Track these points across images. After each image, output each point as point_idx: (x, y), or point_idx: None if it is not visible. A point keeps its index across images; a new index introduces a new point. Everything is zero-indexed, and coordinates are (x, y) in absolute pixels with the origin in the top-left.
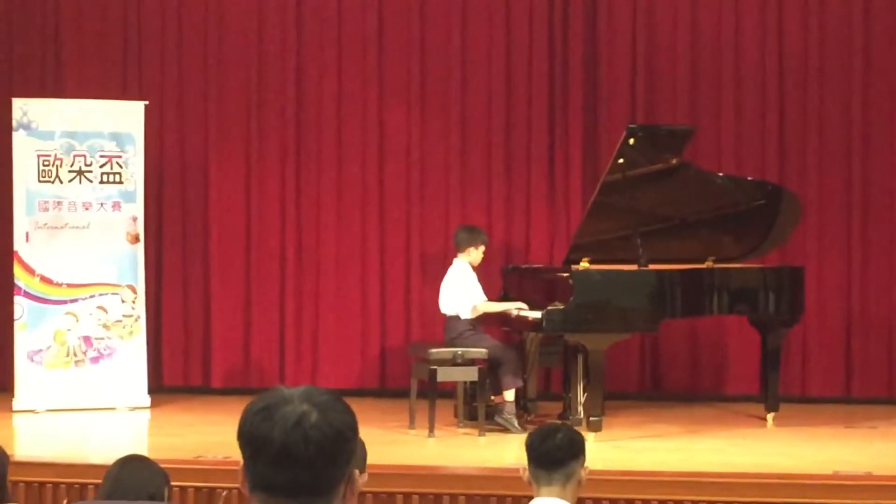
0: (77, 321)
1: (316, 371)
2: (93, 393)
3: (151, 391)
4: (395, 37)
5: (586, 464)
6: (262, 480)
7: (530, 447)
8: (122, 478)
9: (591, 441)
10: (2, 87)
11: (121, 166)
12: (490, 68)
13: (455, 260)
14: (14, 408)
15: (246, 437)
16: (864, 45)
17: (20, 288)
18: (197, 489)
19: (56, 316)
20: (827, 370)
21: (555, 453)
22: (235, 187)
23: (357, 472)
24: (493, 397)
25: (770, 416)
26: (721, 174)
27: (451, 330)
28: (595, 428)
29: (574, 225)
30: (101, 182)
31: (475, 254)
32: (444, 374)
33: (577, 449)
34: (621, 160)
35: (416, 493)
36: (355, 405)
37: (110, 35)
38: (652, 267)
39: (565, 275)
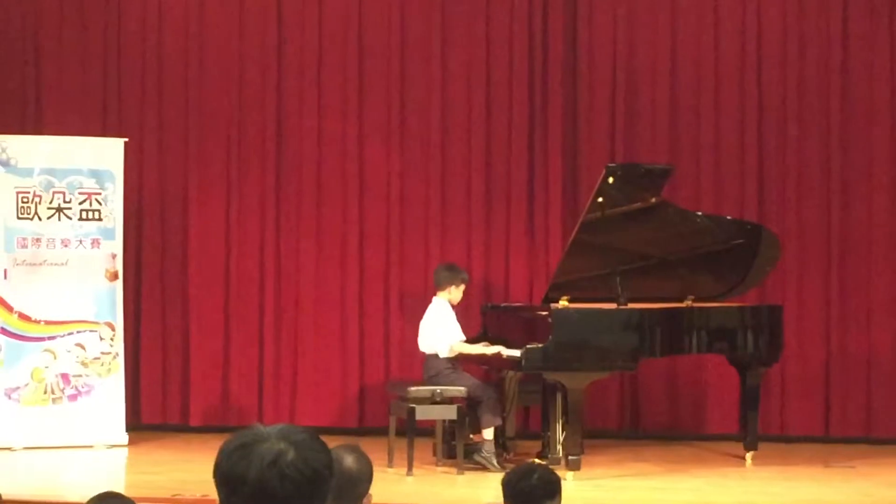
0: (55, 358)
1: (294, 409)
2: (70, 430)
3: (129, 429)
4: (375, 75)
5: None
6: None
7: (507, 486)
8: None
9: (571, 480)
10: None
11: (100, 203)
12: (470, 106)
13: (434, 298)
14: None
15: (222, 475)
16: (842, 85)
17: None
18: None
19: (34, 353)
20: (806, 409)
21: (531, 493)
22: (215, 225)
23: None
24: (471, 436)
25: (749, 455)
26: (700, 213)
27: (429, 368)
28: (574, 466)
29: (553, 263)
30: (80, 219)
31: (455, 292)
32: (423, 413)
33: (552, 489)
34: (601, 199)
35: None
36: (333, 443)
37: (90, 72)
38: (631, 306)
39: (545, 313)
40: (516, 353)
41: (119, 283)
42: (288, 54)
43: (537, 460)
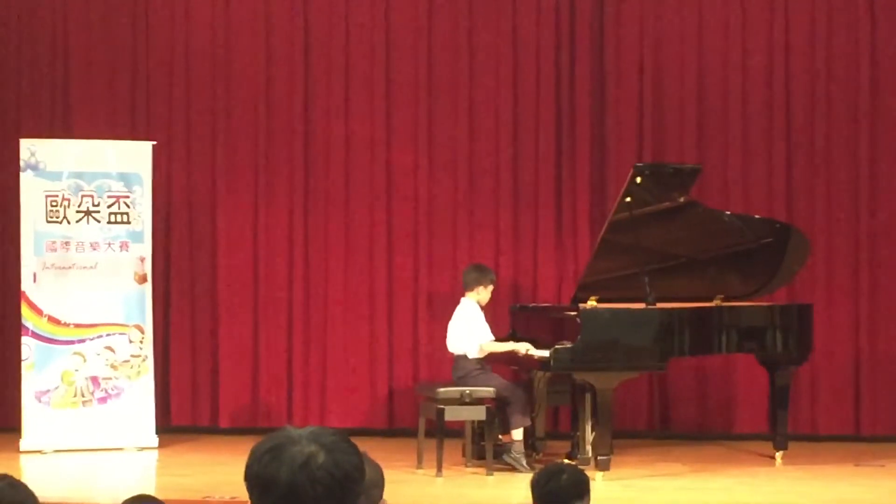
0: (85, 361)
1: (324, 410)
2: (100, 433)
3: (159, 431)
4: (403, 77)
5: None
6: None
7: (535, 486)
8: None
9: (600, 480)
10: (10, 128)
11: (128, 206)
12: (497, 108)
13: (463, 299)
14: (21, 448)
15: (253, 477)
16: (870, 83)
17: (28, 328)
18: None
19: (64, 356)
20: (836, 408)
21: (560, 493)
22: (243, 227)
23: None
24: (501, 436)
25: (779, 455)
26: (728, 212)
27: (458, 369)
28: (604, 467)
29: (582, 263)
30: (109, 222)
31: (484, 293)
32: (452, 414)
33: (581, 489)
34: (629, 199)
35: None
36: (363, 444)
37: (118, 76)
38: (660, 305)
39: (573, 313)
40: (545, 353)
41: (148, 286)
42: (315, 57)
43: (566, 460)
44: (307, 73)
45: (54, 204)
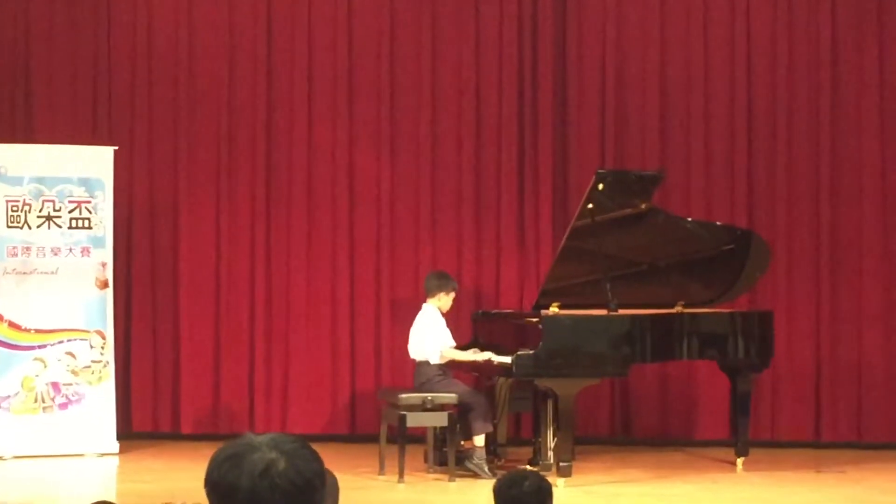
0: (45, 367)
1: (286, 416)
2: (61, 439)
3: (120, 437)
4: (365, 82)
5: None
6: None
7: (497, 493)
8: None
9: (562, 486)
10: None
11: (90, 212)
12: (460, 113)
13: (424, 305)
14: None
15: (213, 484)
16: (831, 90)
17: None
18: None
19: (24, 362)
20: (796, 415)
21: (522, 500)
22: (205, 232)
23: None
24: (463, 442)
25: (740, 461)
26: (690, 219)
27: (420, 375)
28: (565, 473)
29: (544, 270)
30: (70, 227)
31: (445, 299)
32: (414, 420)
33: (543, 496)
34: (591, 205)
35: None
36: (325, 450)
37: (80, 81)
38: (622, 312)
39: (535, 320)
40: (507, 359)
41: (109, 292)
42: (277, 62)
43: (528, 467)
44: (269, 78)
45: (15, 209)
